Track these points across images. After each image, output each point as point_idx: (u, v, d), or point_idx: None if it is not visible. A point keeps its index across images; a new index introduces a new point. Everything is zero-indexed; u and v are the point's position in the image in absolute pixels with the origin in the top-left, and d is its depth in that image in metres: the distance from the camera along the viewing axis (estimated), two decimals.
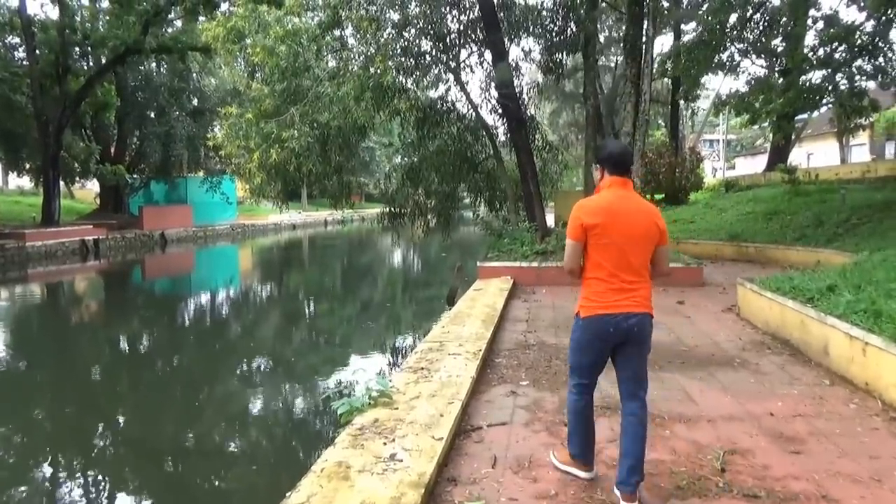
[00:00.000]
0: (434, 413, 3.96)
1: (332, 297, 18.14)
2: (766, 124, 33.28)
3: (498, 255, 11.59)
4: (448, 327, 6.74)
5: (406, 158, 14.67)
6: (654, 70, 13.16)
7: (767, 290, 7.00)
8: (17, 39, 26.68)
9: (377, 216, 15.58)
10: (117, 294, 19.92)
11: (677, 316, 8.01)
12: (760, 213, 16.50)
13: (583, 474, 3.38)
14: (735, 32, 22.97)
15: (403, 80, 12.64)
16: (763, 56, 27.11)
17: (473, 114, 13.94)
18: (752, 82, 26.96)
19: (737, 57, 27.47)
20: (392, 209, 14.80)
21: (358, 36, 11.76)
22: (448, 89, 14.23)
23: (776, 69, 27.07)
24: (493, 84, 13.59)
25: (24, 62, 25.51)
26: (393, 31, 11.40)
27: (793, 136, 26.15)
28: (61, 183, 32.30)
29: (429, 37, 12.21)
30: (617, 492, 3.09)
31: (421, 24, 11.73)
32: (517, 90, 13.58)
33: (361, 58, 10.80)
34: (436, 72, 13.20)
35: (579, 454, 3.38)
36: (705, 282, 10.69)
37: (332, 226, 47.14)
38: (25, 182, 38.35)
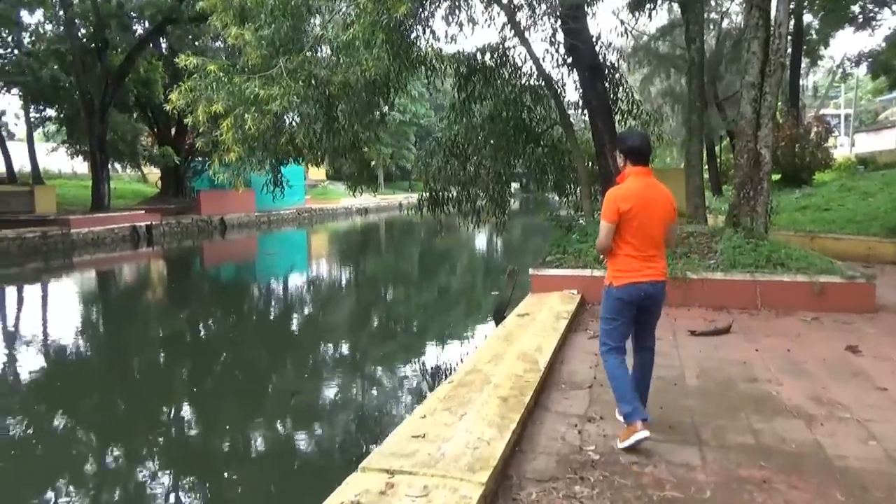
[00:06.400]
0: None
1: (368, 305, 15.26)
2: None
3: (561, 259, 8.19)
4: (432, 417, 3.56)
5: (451, 129, 11.43)
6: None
7: None
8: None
9: (417, 202, 12.39)
10: (163, 284, 18.27)
11: (859, 382, 4.48)
12: None
13: (642, 434, 3.38)
14: None
15: (428, 17, 9.41)
16: None
17: (534, 67, 10.50)
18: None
19: (871, 7, 22.58)
20: (433, 193, 11.65)
21: None
22: (504, 38, 10.87)
23: None
24: (559, 26, 10.09)
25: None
26: None
27: None
28: (119, 165, 31.32)
29: None
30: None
31: None
32: (593, 33, 10.06)
33: None
34: (482, 8, 9.90)
35: (632, 411, 3.46)
36: (877, 305, 7.00)
37: (407, 209, 44.70)
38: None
